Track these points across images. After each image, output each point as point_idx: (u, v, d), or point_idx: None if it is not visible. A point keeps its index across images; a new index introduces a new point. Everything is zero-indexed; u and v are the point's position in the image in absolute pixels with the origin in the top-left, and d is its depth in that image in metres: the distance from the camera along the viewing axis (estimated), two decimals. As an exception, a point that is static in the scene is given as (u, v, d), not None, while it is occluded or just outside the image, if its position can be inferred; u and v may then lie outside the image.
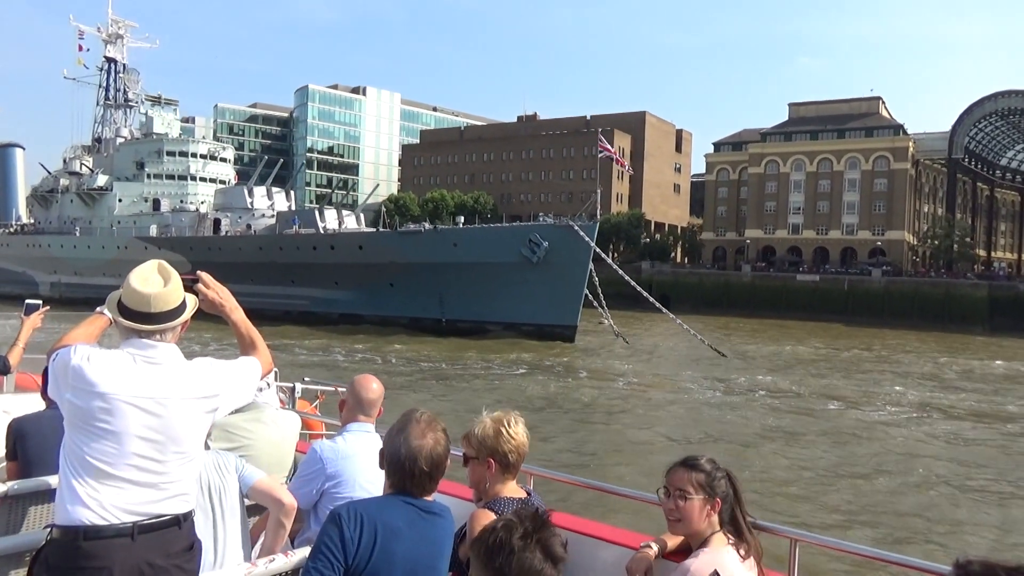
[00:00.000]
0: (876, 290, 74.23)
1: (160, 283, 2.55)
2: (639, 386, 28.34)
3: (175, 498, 2.50)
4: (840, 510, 13.22)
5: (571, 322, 42.11)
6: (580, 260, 41.73)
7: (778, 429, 20.50)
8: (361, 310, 46.44)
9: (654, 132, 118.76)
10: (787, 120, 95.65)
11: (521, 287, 41.99)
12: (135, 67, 67.59)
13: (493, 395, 25.17)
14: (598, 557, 3.23)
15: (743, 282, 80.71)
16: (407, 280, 44.42)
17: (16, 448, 3.79)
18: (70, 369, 2.41)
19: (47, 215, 65.36)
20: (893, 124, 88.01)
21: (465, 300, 43.38)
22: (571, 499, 9.38)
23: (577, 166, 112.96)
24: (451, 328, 43.78)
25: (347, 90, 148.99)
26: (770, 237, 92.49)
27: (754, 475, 15.04)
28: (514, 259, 41.93)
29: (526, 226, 43.90)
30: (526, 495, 2.97)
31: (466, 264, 42.63)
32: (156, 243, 52.43)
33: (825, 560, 8.86)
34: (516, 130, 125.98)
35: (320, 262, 46.71)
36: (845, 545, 3.13)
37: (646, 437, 19.38)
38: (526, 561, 1.77)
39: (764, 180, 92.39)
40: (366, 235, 48.17)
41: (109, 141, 64.70)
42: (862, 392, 27.78)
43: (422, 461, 2.48)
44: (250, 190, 55.19)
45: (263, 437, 3.80)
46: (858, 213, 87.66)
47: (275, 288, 49.01)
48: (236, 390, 2.72)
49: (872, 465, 16.70)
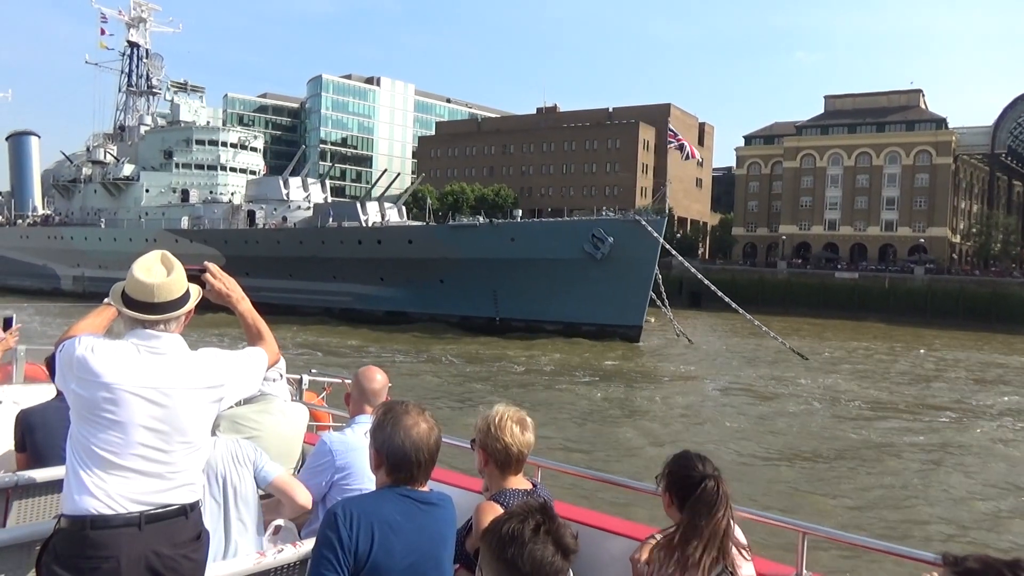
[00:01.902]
0: (919, 288, 72.13)
1: (163, 273, 2.56)
2: (722, 391, 26.37)
3: (182, 488, 2.50)
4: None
5: (636, 322, 39.97)
6: (647, 257, 39.57)
7: (919, 447, 18.17)
8: (408, 308, 44.12)
9: (678, 125, 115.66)
10: (823, 113, 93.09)
11: (583, 285, 39.73)
12: (158, 52, 65.03)
13: (561, 398, 23.59)
14: (605, 548, 3.32)
15: (778, 279, 78.54)
16: (459, 276, 42.09)
17: (25, 439, 3.79)
18: (75, 359, 2.43)
19: (68, 206, 62.72)
20: (935, 117, 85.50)
21: (521, 298, 41.11)
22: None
23: (600, 159, 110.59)
24: (505, 327, 41.57)
25: (361, 80, 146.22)
26: (805, 233, 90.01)
27: (908, 500, 13.20)
28: (576, 255, 39.62)
29: (589, 220, 41.53)
30: (531, 486, 3.06)
31: (524, 260, 40.33)
32: (188, 236, 50.00)
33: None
34: (535, 122, 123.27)
35: (365, 257, 44.30)
36: (854, 538, 3.28)
37: (750, 451, 17.17)
38: (537, 552, 1.75)
39: (799, 174, 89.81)
40: (416, 229, 45.79)
41: (133, 129, 62.13)
42: (964, 400, 25.57)
43: (417, 451, 2.46)
44: (285, 181, 52.74)
45: (271, 428, 3.79)
46: (898, 209, 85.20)
47: (315, 284, 46.72)
48: (242, 380, 2.72)
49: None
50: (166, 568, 2.42)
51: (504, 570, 1.78)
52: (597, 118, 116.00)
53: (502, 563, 1.78)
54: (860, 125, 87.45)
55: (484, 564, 1.86)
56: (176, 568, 2.44)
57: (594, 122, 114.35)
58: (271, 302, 47.69)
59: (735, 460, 16.08)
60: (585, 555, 3.04)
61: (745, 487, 13.51)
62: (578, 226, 40.69)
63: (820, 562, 3.42)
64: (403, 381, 26.08)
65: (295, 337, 37.74)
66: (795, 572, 3.07)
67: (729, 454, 16.47)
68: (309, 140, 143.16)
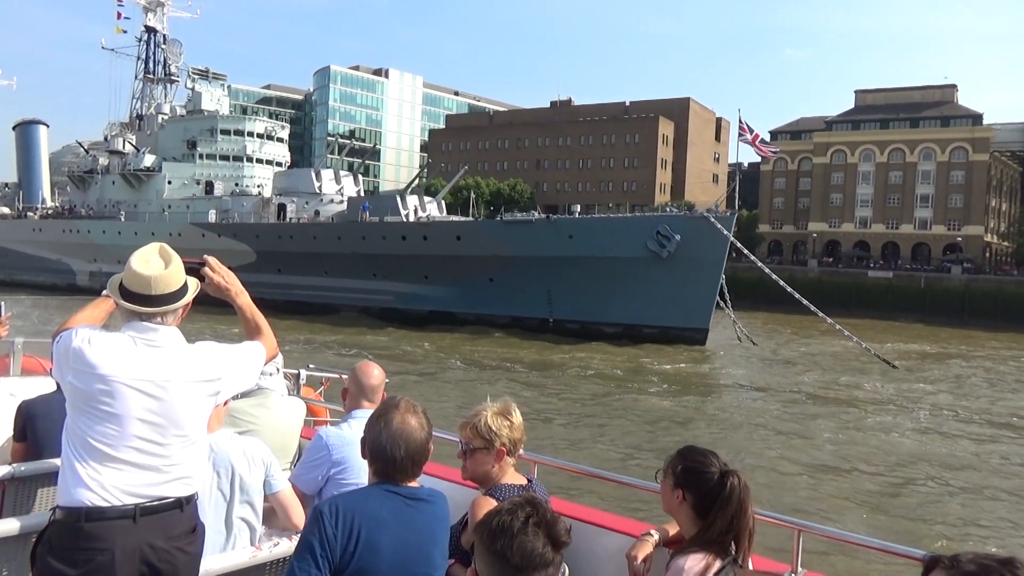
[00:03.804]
0: (956, 288, 70.36)
1: (161, 265, 2.52)
2: (809, 399, 24.28)
3: (177, 481, 2.47)
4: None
5: (703, 325, 37.83)
6: (715, 256, 37.47)
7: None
8: (454, 307, 41.72)
9: (697, 120, 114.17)
10: (853, 108, 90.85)
11: (645, 285, 37.45)
12: (176, 38, 62.27)
13: (635, 405, 22.07)
14: (600, 544, 3.26)
15: (809, 278, 76.16)
16: (510, 275, 39.72)
17: (25, 429, 3.75)
18: (71, 351, 2.40)
19: (84, 198, 59.83)
20: (971, 113, 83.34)
21: (577, 298, 38.81)
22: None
23: (619, 154, 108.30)
24: (558, 328, 39.26)
25: (369, 72, 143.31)
26: (835, 231, 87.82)
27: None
28: (639, 253, 37.32)
29: (653, 217, 39.28)
30: (527, 481, 3.04)
31: (581, 258, 38.00)
32: (215, 230, 47.40)
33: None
34: (550, 116, 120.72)
35: (409, 253, 41.81)
36: (850, 536, 3.27)
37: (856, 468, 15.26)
38: (527, 544, 1.75)
39: (829, 170, 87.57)
40: (465, 224, 43.32)
41: (151, 118, 59.36)
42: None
43: (405, 447, 2.42)
44: (317, 173, 50.19)
45: (267, 422, 3.72)
46: (932, 207, 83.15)
47: (353, 281, 44.22)
48: (239, 374, 2.69)
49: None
50: (161, 561, 2.39)
51: (494, 562, 1.77)
52: (614, 112, 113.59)
53: (492, 555, 1.77)
54: (893, 120, 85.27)
55: (477, 557, 1.84)
56: (171, 561, 2.41)
57: (611, 116, 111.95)
58: (305, 300, 45.45)
59: (841, 480, 14.53)
60: (581, 551, 3.12)
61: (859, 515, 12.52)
62: (642, 222, 38.40)
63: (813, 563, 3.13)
64: (455, 388, 23.74)
65: (329, 337, 35.58)
66: (790, 570, 3.00)
67: (830, 475, 14.87)
68: (316, 132, 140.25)
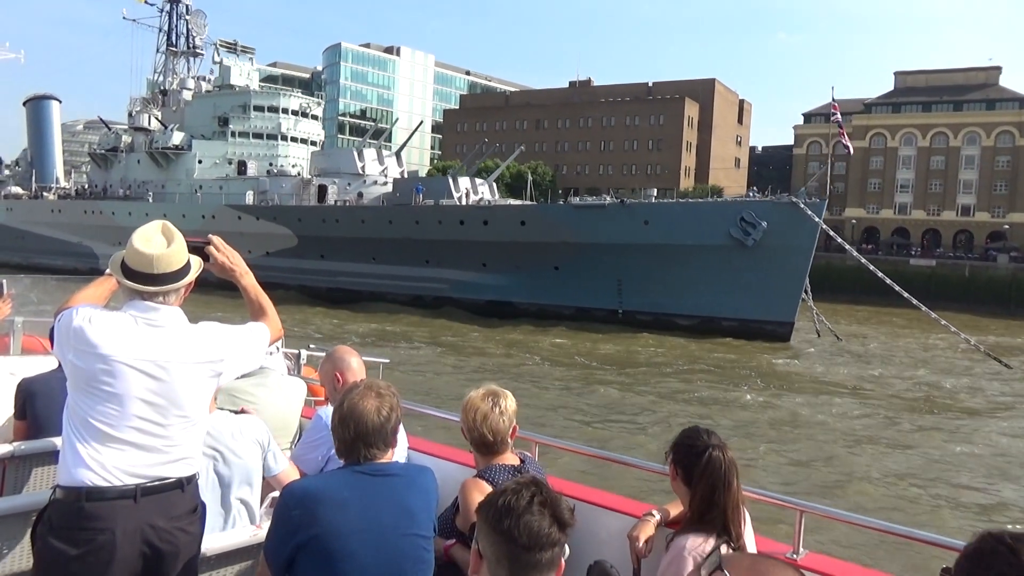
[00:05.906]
0: (1003, 278, 68.27)
1: (163, 244, 2.50)
2: (924, 404, 22.29)
3: (179, 461, 2.47)
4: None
5: (788, 318, 35.45)
6: (803, 245, 35.10)
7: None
8: (514, 297, 39.19)
9: (721, 102, 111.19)
10: (893, 90, 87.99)
11: (725, 274, 34.97)
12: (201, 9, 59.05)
13: (721, 400, 20.85)
14: (603, 525, 3.28)
15: (847, 265, 73.55)
16: (578, 263, 37.17)
17: (25, 407, 3.73)
18: (72, 330, 2.39)
19: (107, 177, 56.76)
20: (1018, 96, 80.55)
21: (650, 288, 36.28)
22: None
23: (642, 136, 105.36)
24: (628, 320, 36.77)
25: (380, 49, 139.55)
26: (873, 217, 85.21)
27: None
28: (721, 241, 34.81)
29: (737, 202, 36.70)
30: (520, 462, 3.03)
31: (656, 246, 35.46)
32: (253, 212, 44.61)
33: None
34: (569, 96, 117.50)
35: (466, 239, 39.13)
36: (852, 517, 3.27)
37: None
38: (534, 523, 1.76)
39: (868, 155, 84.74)
40: (530, 209, 40.67)
41: (175, 93, 56.28)
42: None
43: (354, 427, 2.41)
44: (360, 152, 47.35)
45: (268, 402, 3.72)
46: (976, 193, 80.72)
47: (404, 268, 41.55)
48: (242, 355, 2.66)
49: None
50: (162, 541, 2.39)
51: (501, 542, 1.78)
52: (636, 92, 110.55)
53: (498, 534, 1.77)
54: (936, 103, 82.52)
55: (481, 537, 1.84)
56: (172, 541, 2.42)
57: (633, 97, 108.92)
58: (351, 287, 42.80)
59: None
60: (583, 531, 3.08)
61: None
62: (724, 208, 35.87)
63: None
64: (531, 395, 21.15)
65: (380, 327, 33.14)
66: (791, 550, 3.02)
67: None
68: (325, 112, 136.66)
